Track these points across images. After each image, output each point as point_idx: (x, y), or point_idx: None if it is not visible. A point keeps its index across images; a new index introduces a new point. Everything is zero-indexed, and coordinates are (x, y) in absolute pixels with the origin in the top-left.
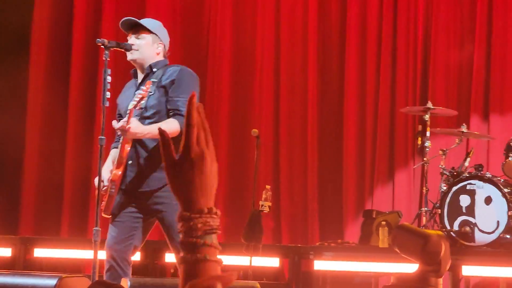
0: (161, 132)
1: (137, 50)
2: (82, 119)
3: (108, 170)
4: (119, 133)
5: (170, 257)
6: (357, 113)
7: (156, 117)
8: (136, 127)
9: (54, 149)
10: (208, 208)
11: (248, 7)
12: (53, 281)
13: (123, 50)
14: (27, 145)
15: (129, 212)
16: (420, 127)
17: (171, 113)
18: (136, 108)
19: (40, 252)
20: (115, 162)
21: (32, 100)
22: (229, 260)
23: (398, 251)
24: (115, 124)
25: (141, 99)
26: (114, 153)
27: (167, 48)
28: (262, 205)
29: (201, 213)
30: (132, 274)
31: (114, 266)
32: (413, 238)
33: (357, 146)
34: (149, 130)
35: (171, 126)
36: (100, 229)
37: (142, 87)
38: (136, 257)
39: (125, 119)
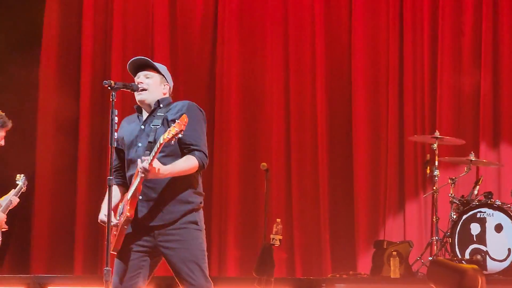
0: None
1: (146, 89)
2: (92, 157)
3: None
4: (141, 174)
5: None
6: (366, 143)
7: (167, 151)
8: (159, 167)
9: (65, 187)
10: None
11: (256, 40)
12: None
13: (129, 90)
14: (37, 184)
15: (137, 251)
16: (428, 156)
17: (185, 149)
18: (171, 142)
19: None
20: (128, 199)
21: (41, 140)
22: None
23: (434, 286)
24: (140, 163)
25: (178, 133)
26: (115, 191)
27: (171, 90)
28: (273, 239)
29: None
30: None
31: None
32: (449, 273)
33: (368, 176)
34: (170, 170)
35: (190, 163)
36: (110, 269)
37: (177, 121)
38: None
39: (148, 157)
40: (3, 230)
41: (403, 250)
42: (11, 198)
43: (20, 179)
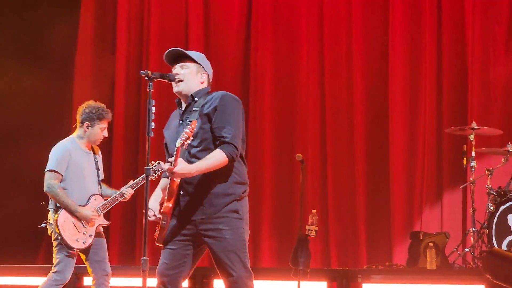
0: None
1: (182, 80)
2: (126, 147)
3: (157, 200)
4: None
5: (218, 283)
6: (403, 134)
7: (203, 145)
8: (183, 168)
9: None
10: None
11: (291, 30)
12: None
13: (167, 81)
14: None
15: (181, 240)
16: (465, 147)
17: (217, 142)
18: (183, 147)
19: (89, 281)
20: (166, 194)
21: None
22: (277, 285)
23: (490, 277)
24: (164, 165)
25: (187, 138)
26: (163, 183)
27: (211, 77)
28: (308, 230)
29: None
30: None
31: None
32: (506, 264)
33: (404, 167)
34: (196, 169)
35: (217, 158)
36: (148, 258)
37: (188, 126)
38: (184, 284)
39: (172, 159)
40: (104, 225)
41: (439, 241)
42: (124, 191)
43: (151, 167)
